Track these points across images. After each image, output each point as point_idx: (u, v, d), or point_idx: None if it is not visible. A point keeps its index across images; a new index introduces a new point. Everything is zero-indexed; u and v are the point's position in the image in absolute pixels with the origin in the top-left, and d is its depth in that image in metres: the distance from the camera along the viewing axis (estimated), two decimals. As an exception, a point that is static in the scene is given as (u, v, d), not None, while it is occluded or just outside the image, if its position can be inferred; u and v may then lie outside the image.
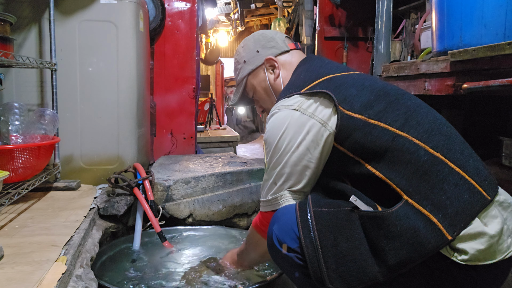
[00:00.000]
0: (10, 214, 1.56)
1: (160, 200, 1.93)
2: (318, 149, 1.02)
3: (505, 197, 0.96)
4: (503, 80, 1.18)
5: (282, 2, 6.34)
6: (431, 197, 0.90)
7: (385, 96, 1.03)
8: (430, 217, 0.88)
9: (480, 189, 0.91)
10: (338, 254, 0.91)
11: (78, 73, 2.08)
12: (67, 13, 2.05)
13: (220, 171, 2.08)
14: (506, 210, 0.94)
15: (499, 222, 0.91)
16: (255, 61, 1.28)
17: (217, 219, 2.02)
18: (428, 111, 1.04)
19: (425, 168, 0.92)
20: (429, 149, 0.94)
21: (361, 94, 1.03)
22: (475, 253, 0.87)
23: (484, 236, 0.88)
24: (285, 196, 1.07)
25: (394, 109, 1.01)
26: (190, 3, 3.13)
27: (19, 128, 1.77)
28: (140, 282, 1.48)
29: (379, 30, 2.11)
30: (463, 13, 1.39)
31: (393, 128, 0.97)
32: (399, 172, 0.93)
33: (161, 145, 3.13)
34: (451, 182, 0.91)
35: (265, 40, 1.28)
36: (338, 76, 1.10)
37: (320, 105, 1.04)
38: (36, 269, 1.10)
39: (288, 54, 1.27)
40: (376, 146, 0.96)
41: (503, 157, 1.61)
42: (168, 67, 3.10)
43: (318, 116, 1.03)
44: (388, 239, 0.88)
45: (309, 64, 1.19)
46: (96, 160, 2.12)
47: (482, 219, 0.90)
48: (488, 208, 0.91)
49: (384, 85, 1.09)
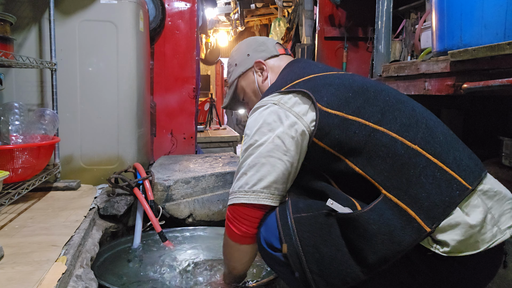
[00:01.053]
0: (10, 214, 1.56)
1: (160, 200, 1.93)
2: (293, 143, 1.03)
3: (490, 186, 0.95)
4: (503, 80, 1.18)
5: (282, 2, 6.34)
6: (409, 190, 0.91)
7: (363, 93, 1.05)
8: (408, 211, 0.89)
9: (460, 179, 0.91)
10: (320, 258, 0.94)
11: (78, 73, 2.08)
12: (67, 13, 2.05)
13: (220, 171, 2.08)
14: (492, 199, 0.93)
15: (481, 211, 0.90)
16: (246, 64, 1.33)
17: (217, 219, 2.02)
18: (407, 105, 1.05)
19: (402, 162, 0.93)
20: (407, 142, 0.95)
21: (339, 92, 1.05)
22: (456, 244, 0.87)
23: (464, 226, 0.87)
24: (257, 192, 1.04)
25: (371, 104, 1.03)
26: (190, 3, 3.13)
27: (19, 128, 1.77)
28: (140, 282, 1.48)
29: (379, 30, 2.11)
30: (463, 13, 1.39)
31: (370, 123, 0.99)
32: (377, 167, 0.95)
33: (161, 145, 3.13)
34: (429, 174, 0.91)
35: (256, 44, 1.34)
36: (319, 76, 1.13)
37: (298, 101, 1.06)
38: (36, 269, 1.10)
39: (277, 58, 1.32)
40: (354, 141, 0.98)
41: (503, 157, 1.61)
42: (168, 67, 3.10)
43: (294, 111, 1.05)
44: (365, 239, 0.90)
45: (293, 67, 1.24)
46: (96, 160, 2.12)
47: (464, 208, 0.90)
48: (469, 197, 0.91)
49: (364, 82, 1.11)
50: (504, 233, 0.92)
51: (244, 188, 1.06)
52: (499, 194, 0.95)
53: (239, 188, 1.07)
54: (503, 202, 0.94)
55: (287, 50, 1.37)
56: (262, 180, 1.04)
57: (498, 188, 0.96)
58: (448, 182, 0.90)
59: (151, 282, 1.48)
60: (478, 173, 0.95)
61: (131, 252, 1.73)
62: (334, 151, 1.01)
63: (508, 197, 0.96)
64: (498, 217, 0.93)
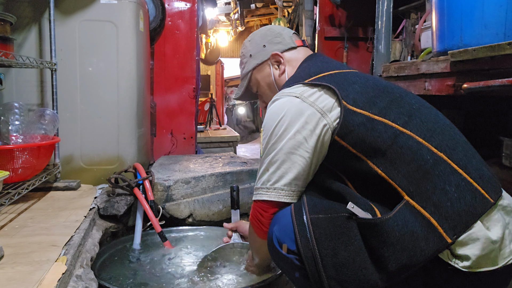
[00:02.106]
0: (10, 214, 1.56)
1: (160, 200, 1.93)
2: (313, 139, 0.99)
3: (509, 201, 0.93)
4: (503, 80, 1.18)
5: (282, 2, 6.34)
6: (432, 198, 0.88)
7: (388, 94, 1.02)
8: (430, 219, 0.86)
9: (483, 191, 0.89)
10: (338, 262, 0.90)
11: (78, 73, 2.07)
12: (67, 13, 2.05)
13: (220, 171, 2.08)
14: (509, 214, 0.91)
15: (501, 226, 0.88)
16: (261, 56, 1.26)
17: (217, 219, 2.02)
18: (431, 110, 1.03)
19: (427, 168, 0.90)
20: (432, 148, 0.92)
21: (364, 91, 1.02)
22: (477, 259, 0.84)
23: (486, 241, 0.85)
24: (278, 189, 1.03)
25: (398, 106, 1.00)
26: (190, 3, 3.13)
27: (19, 128, 1.77)
28: (140, 282, 1.48)
29: (379, 30, 2.11)
30: (463, 13, 1.39)
31: (397, 125, 0.95)
32: (400, 171, 0.92)
33: (161, 145, 3.13)
34: (453, 183, 0.88)
35: (272, 35, 1.26)
36: (342, 72, 1.09)
37: (323, 95, 1.01)
38: (36, 269, 1.10)
39: (294, 51, 1.25)
40: (378, 142, 0.94)
41: (503, 157, 1.61)
42: (168, 67, 3.10)
43: (318, 106, 1.00)
44: (387, 246, 0.87)
45: (314, 60, 1.18)
46: (96, 160, 2.11)
47: (485, 222, 0.87)
48: (491, 211, 0.88)
49: (387, 83, 1.09)
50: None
51: (266, 185, 1.04)
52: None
53: (261, 185, 1.05)
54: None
55: (305, 42, 1.29)
56: (283, 177, 1.02)
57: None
58: (472, 194, 0.88)
59: (151, 282, 1.47)
60: (499, 187, 0.92)
61: (131, 252, 1.73)
62: (355, 151, 0.97)
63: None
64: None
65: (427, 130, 0.95)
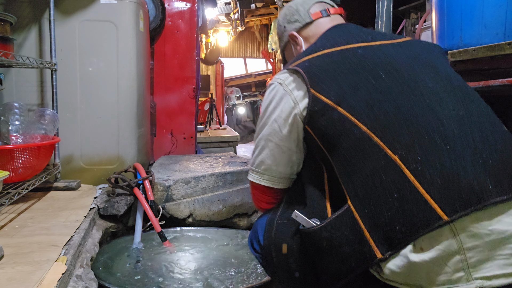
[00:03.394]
0: (10, 214, 1.56)
1: (160, 200, 1.93)
2: (286, 129, 0.97)
3: (487, 221, 0.74)
4: (503, 80, 1.19)
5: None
6: (372, 208, 0.80)
7: (376, 78, 0.90)
8: (364, 232, 0.80)
9: (435, 205, 0.74)
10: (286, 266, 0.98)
11: (78, 73, 2.08)
12: (67, 13, 2.05)
13: (220, 171, 2.08)
14: (479, 238, 0.74)
15: (443, 249, 0.74)
16: (284, 38, 1.21)
17: (217, 219, 2.02)
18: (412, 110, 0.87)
19: (377, 170, 0.81)
20: (386, 148, 0.81)
21: (345, 74, 0.91)
22: (390, 274, 0.78)
23: (403, 260, 0.76)
24: (259, 173, 1.05)
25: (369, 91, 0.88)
26: (190, 3, 3.13)
27: (19, 128, 1.77)
28: (140, 282, 1.48)
29: (379, 30, 2.11)
30: (463, 13, 1.39)
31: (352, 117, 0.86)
32: (349, 171, 0.85)
33: (161, 145, 3.13)
34: (400, 194, 0.77)
35: (290, 14, 1.18)
36: (344, 49, 0.96)
37: (299, 83, 0.95)
38: (36, 269, 1.10)
39: (312, 26, 1.13)
40: (334, 135, 0.87)
41: (503, 157, 1.61)
42: (168, 67, 3.10)
43: (293, 95, 0.95)
44: (320, 254, 0.88)
45: (326, 35, 1.06)
46: (96, 160, 2.11)
47: (421, 240, 0.75)
48: (438, 229, 0.74)
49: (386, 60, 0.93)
50: (470, 284, 0.73)
51: (252, 167, 1.07)
52: (498, 234, 0.73)
53: (251, 165, 1.08)
54: (499, 245, 0.73)
55: (326, 11, 1.13)
56: (263, 162, 1.03)
57: (504, 227, 0.74)
58: (418, 208, 0.75)
59: (150, 282, 1.48)
60: (472, 202, 0.74)
61: (131, 252, 1.73)
62: (320, 143, 0.92)
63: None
64: (475, 262, 0.74)
65: (389, 123, 0.82)
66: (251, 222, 2.11)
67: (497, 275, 0.73)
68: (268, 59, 10.12)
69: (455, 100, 0.86)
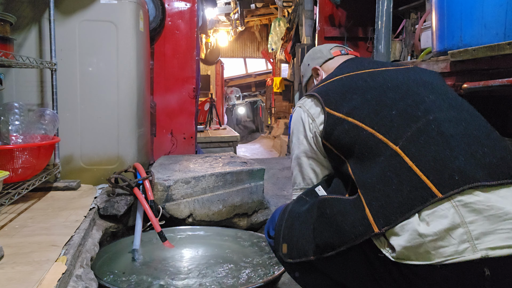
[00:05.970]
0: (10, 214, 1.56)
1: (160, 200, 1.93)
2: (311, 144, 1.16)
3: (483, 198, 0.83)
4: (503, 80, 1.19)
5: (282, 2, 6.35)
6: (376, 194, 0.90)
7: (378, 104, 1.04)
8: (364, 206, 0.90)
9: (430, 184, 0.84)
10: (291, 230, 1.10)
11: (78, 73, 2.08)
12: (67, 13, 2.05)
13: (220, 171, 2.08)
14: (479, 213, 0.82)
15: (446, 223, 0.81)
16: (307, 73, 1.45)
17: (217, 219, 2.02)
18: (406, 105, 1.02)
19: (382, 161, 0.93)
20: (388, 142, 0.94)
21: (351, 98, 1.08)
22: (401, 250, 0.83)
23: (412, 233, 0.82)
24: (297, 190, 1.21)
25: (370, 103, 1.04)
26: (190, 3, 3.13)
27: (19, 128, 1.77)
28: (140, 282, 1.48)
29: (379, 30, 2.11)
30: (463, 13, 1.39)
31: (361, 123, 1.00)
32: (366, 167, 0.97)
33: (161, 145, 3.13)
34: (399, 174, 0.89)
35: (313, 53, 1.44)
36: (349, 76, 1.16)
37: (313, 104, 1.16)
38: (36, 269, 1.10)
39: (332, 61, 1.37)
40: (348, 143, 1.02)
41: (503, 157, 1.61)
42: (168, 67, 3.10)
43: (311, 113, 1.16)
44: (319, 220, 0.98)
45: (339, 67, 1.28)
46: (96, 160, 2.12)
47: (425, 216, 0.84)
48: (436, 205, 0.83)
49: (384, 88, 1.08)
50: (476, 253, 0.79)
51: (293, 187, 1.25)
52: (497, 210, 0.81)
53: (292, 185, 1.26)
54: (499, 220, 0.81)
55: (345, 49, 1.40)
56: (295, 183, 1.22)
57: (501, 204, 0.82)
58: (413, 186, 0.86)
59: (150, 282, 1.48)
60: (465, 181, 0.84)
61: (131, 252, 1.73)
62: (338, 153, 1.07)
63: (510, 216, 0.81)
64: (478, 234, 0.81)
65: (389, 121, 0.97)
66: (251, 222, 2.11)
67: (501, 246, 0.80)
68: (268, 59, 10.13)
69: (453, 110, 0.99)
